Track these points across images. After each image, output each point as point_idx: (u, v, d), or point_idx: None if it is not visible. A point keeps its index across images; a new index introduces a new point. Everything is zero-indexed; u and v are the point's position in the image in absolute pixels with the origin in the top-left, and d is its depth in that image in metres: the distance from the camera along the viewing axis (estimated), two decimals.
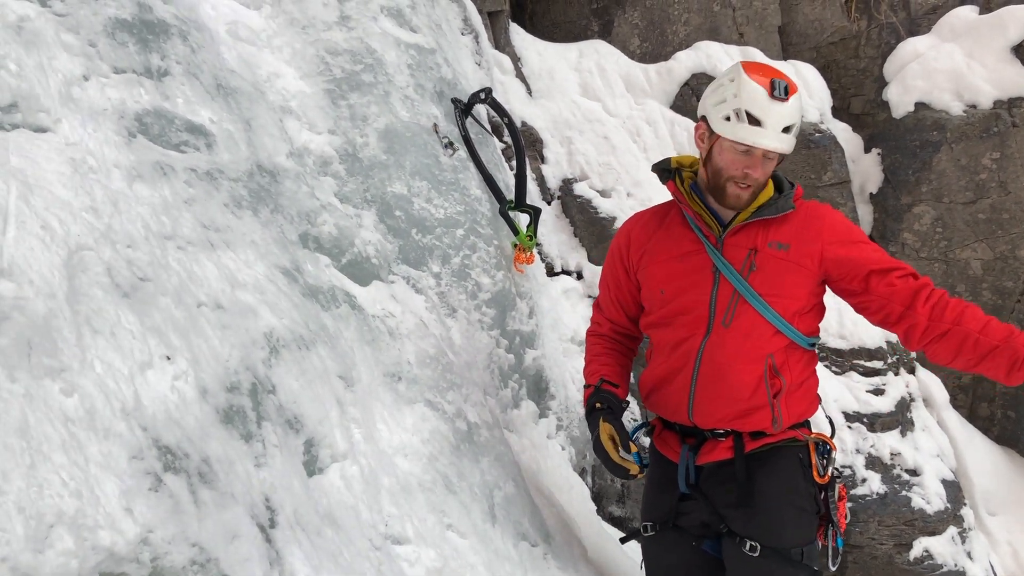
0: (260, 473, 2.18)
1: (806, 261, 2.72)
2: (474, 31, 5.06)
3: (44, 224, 2.00)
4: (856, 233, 2.83)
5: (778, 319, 2.72)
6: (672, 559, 2.92)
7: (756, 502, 2.75)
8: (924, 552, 5.72)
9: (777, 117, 2.60)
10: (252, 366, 2.34)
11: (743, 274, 2.72)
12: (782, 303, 2.72)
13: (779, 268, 2.72)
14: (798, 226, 2.76)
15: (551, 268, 5.52)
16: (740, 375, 2.72)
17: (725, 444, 2.79)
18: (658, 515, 2.93)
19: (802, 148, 6.64)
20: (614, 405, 2.97)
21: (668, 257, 2.86)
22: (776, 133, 2.61)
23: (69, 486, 1.63)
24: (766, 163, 2.67)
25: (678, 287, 2.81)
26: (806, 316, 2.79)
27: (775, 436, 2.78)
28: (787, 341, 2.75)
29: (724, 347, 2.72)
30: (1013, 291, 6.88)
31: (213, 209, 2.65)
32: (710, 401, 2.77)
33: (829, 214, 2.84)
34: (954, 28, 7.13)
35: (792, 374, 2.77)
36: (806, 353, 2.84)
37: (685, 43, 7.04)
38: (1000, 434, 7.01)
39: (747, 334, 2.72)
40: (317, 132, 3.41)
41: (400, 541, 2.56)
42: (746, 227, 2.75)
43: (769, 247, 2.73)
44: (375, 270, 3.27)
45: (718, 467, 2.81)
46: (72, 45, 2.53)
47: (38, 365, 1.75)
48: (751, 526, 2.74)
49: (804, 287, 2.74)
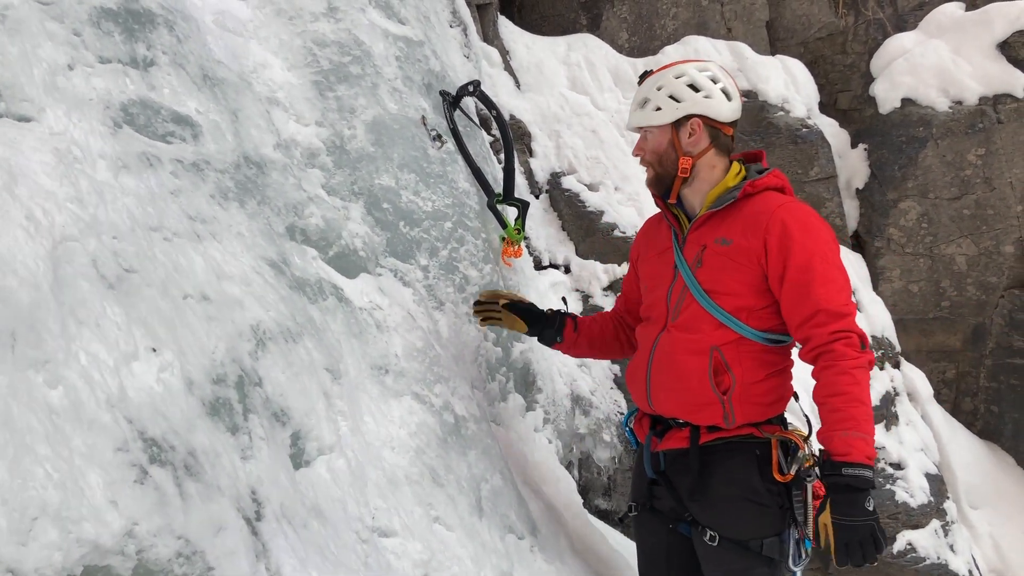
0: (246, 466, 2.17)
1: (743, 258, 2.72)
2: (462, 23, 5.04)
3: (28, 214, 1.98)
4: (800, 246, 2.66)
5: (721, 313, 2.75)
6: (653, 540, 3.03)
7: (709, 495, 2.81)
8: (907, 545, 5.78)
9: (635, 96, 2.91)
10: (239, 358, 2.33)
11: (692, 270, 2.80)
12: (724, 299, 2.75)
13: (720, 264, 2.76)
14: (744, 221, 2.76)
15: (539, 262, 5.52)
16: (684, 366, 2.79)
17: (682, 434, 2.86)
18: (637, 497, 3.08)
19: (789, 143, 6.67)
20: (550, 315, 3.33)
21: (653, 254, 3.02)
22: (633, 111, 2.90)
23: (53, 478, 1.62)
24: (648, 138, 2.89)
25: (653, 283, 2.98)
26: (759, 312, 2.75)
27: (730, 432, 2.78)
28: (734, 335, 2.75)
29: (672, 339, 2.84)
30: (997, 286, 6.93)
31: (199, 200, 2.63)
32: (660, 390, 2.88)
33: (778, 212, 2.72)
34: (940, 24, 7.16)
35: (743, 370, 2.74)
36: (764, 350, 2.78)
37: (673, 37, 7.05)
38: (983, 428, 7.08)
39: (690, 327, 2.80)
40: (304, 124, 3.39)
41: (387, 534, 2.56)
42: (706, 223, 2.83)
43: (715, 243, 2.78)
44: (362, 263, 3.26)
45: (678, 455, 2.88)
46: (57, 34, 2.50)
47: (22, 356, 1.74)
48: (706, 517, 2.82)
49: (746, 283, 2.74)
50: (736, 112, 2.90)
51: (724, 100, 2.85)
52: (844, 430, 2.51)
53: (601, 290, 5.53)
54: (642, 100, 2.87)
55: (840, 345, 2.58)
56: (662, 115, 2.83)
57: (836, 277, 2.68)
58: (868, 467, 2.49)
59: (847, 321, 2.62)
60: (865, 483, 2.49)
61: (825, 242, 2.72)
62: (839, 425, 2.53)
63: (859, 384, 2.56)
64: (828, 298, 2.62)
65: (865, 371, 2.59)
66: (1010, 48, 6.81)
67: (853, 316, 2.66)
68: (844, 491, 2.50)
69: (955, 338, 7.11)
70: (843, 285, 2.69)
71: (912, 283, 7.05)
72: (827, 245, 2.72)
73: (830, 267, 2.67)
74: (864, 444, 2.50)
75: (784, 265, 2.66)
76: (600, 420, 4.99)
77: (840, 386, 2.56)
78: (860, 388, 2.56)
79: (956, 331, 7.10)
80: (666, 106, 2.82)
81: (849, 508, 2.50)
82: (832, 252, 2.72)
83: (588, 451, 4.95)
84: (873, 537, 2.49)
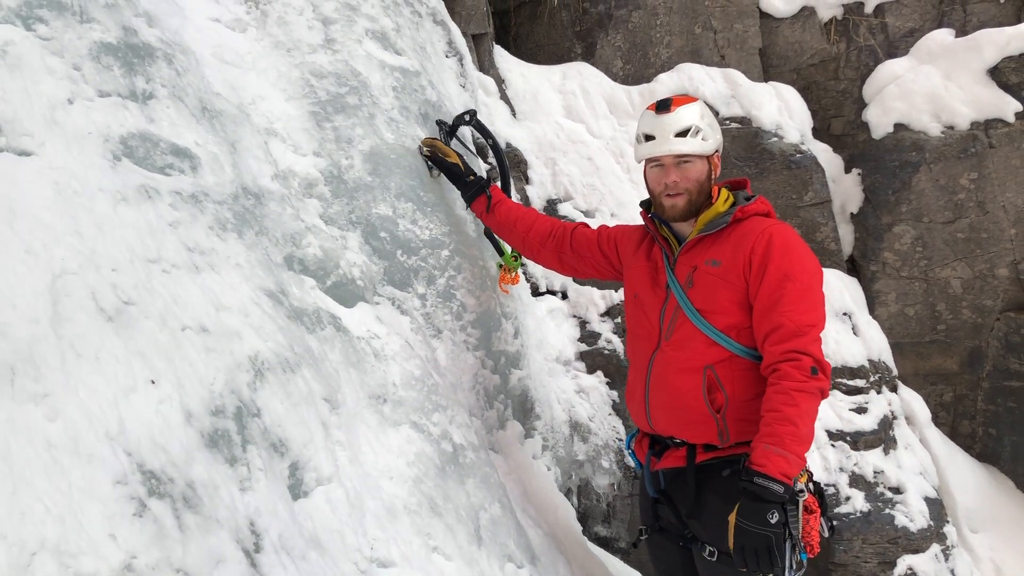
0: (245, 497, 2.17)
1: (732, 276, 2.83)
2: (458, 53, 5.09)
3: (28, 248, 1.99)
4: (776, 265, 2.77)
5: (713, 331, 2.84)
6: (667, 559, 3.14)
7: (706, 512, 2.90)
8: (908, 570, 5.74)
9: (665, 126, 2.94)
10: (237, 389, 2.34)
11: (684, 290, 2.90)
12: (716, 318, 2.85)
13: (711, 284, 2.86)
14: (733, 243, 2.87)
15: (536, 288, 5.53)
16: (679, 385, 2.88)
17: (679, 453, 2.96)
18: (645, 520, 3.20)
19: (783, 169, 6.71)
20: (469, 182, 3.62)
21: (641, 263, 3.13)
22: (668, 138, 2.91)
23: (52, 512, 1.62)
24: (683, 168, 2.93)
25: (645, 299, 3.07)
26: (748, 330, 2.84)
27: (726, 450, 2.88)
28: (727, 353, 2.84)
29: (666, 358, 2.93)
30: (992, 309, 6.94)
31: (198, 232, 2.65)
32: (658, 410, 2.97)
33: (764, 234, 2.83)
34: (931, 51, 7.23)
35: (736, 388, 2.83)
36: (755, 367, 2.84)
37: (667, 65, 7.11)
38: (982, 451, 7.06)
39: (683, 345, 2.89)
40: (302, 154, 3.42)
41: (385, 564, 2.55)
42: (696, 245, 2.94)
43: (705, 264, 2.89)
44: (360, 292, 3.27)
45: (677, 474, 2.99)
46: (56, 69, 2.53)
47: (21, 390, 1.74)
48: (705, 533, 2.92)
49: (735, 302, 2.83)
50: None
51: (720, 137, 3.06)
52: (767, 444, 2.61)
53: (598, 316, 5.54)
54: (684, 129, 2.92)
55: (788, 366, 2.66)
56: (709, 145, 2.96)
57: (807, 299, 2.75)
58: (780, 483, 2.58)
59: (802, 342, 2.68)
60: (771, 495, 2.58)
61: (802, 266, 2.79)
62: (764, 439, 2.63)
63: (795, 406, 2.62)
64: (790, 316, 2.69)
65: (807, 395, 2.64)
66: (1000, 73, 6.87)
67: (812, 339, 2.71)
68: (750, 498, 2.61)
69: (952, 361, 7.12)
70: (811, 307, 2.75)
71: (908, 307, 7.06)
72: (804, 269, 2.79)
73: (804, 289, 2.74)
74: (782, 461, 2.58)
75: (761, 280, 2.76)
76: (599, 447, 4.98)
77: (774, 403, 2.64)
78: (795, 409, 2.62)
79: (953, 354, 7.10)
80: (711, 137, 2.96)
81: (751, 515, 2.60)
82: (807, 275, 2.79)
83: (587, 478, 4.94)
84: (769, 549, 2.58)
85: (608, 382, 5.30)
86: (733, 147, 6.52)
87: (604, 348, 5.38)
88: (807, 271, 2.79)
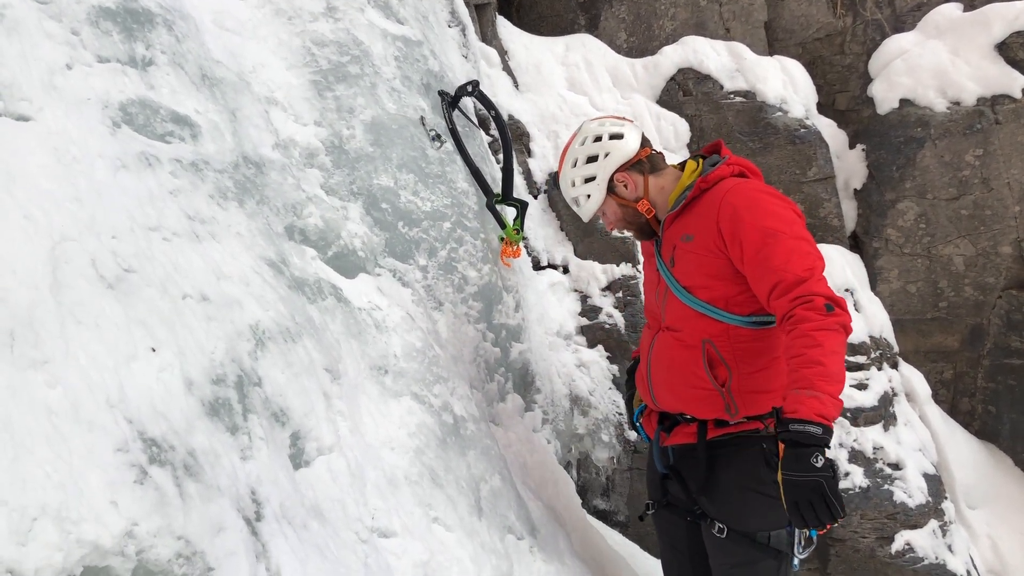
0: (246, 466, 2.17)
1: (703, 250, 2.77)
2: (461, 23, 5.04)
3: (27, 214, 1.97)
4: (749, 225, 2.66)
5: (700, 305, 2.81)
6: (674, 533, 3.13)
7: (717, 488, 2.88)
8: (906, 545, 5.77)
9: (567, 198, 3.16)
10: (238, 358, 2.33)
11: (669, 269, 2.90)
12: (700, 292, 2.81)
13: (689, 260, 2.83)
14: (699, 214, 2.81)
15: (537, 262, 5.52)
16: (678, 361, 2.87)
17: (690, 429, 2.93)
18: (652, 494, 3.18)
19: (787, 143, 6.67)
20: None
21: (646, 260, 3.18)
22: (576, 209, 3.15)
23: (53, 479, 1.61)
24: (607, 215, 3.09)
25: (649, 289, 3.14)
26: (738, 298, 2.76)
27: (737, 426, 2.84)
28: (722, 325, 2.79)
29: (665, 338, 2.94)
30: (994, 287, 6.93)
31: (199, 200, 2.63)
32: (660, 387, 2.98)
33: (725, 197, 2.73)
34: (939, 25, 7.16)
35: (738, 359, 2.78)
36: (755, 336, 2.78)
37: (672, 38, 7.05)
38: (981, 429, 7.08)
39: (677, 324, 2.88)
40: (303, 123, 3.39)
41: (386, 534, 2.56)
42: (672, 223, 2.91)
43: (682, 240, 2.85)
44: (361, 263, 3.26)
45: (687, 450, 2.96)
46: (55, 33, 2.50)
47: (21, 356, 1.73)
48: (715, 510, 2.90)
49: (713, 274, 2.77)
50: (637, 135, 3.02)
51: (620, 142, 2.99)
52: (796, 388, 2.46)
53: (599, 290, 5.53)
54: (573, 200, 3.10)
55: (801, 310, 2.53)
56: (595, 199, 3.03)
57: (791, 246, 2.61)
58: (816, 424, 2.40)
59: (807, 285, 2.55)
60: (810, 439, 2.40)
61: (774, 214, 2.67)
62: (792, 385, 2.48)
63: (818, 345, 2.47)
64: (784, 267, 2.58)
65: (828, 332, 2.49)
66: (1008, 49, 6.81)
67: (815, 279, 2.58)
68: (791, 447, 2.44)
69: (953, 338, 7.12)
70: (801, 251, 2.62)
71: (910, 283, 7.05)
72: (777, 217, 2.66)
73: (784, 237, 2.62)
74: (815, 402, 2.41)
75: (741, 247, 2.66)
76: (599, 420, 4.98)
77: (796, 348, 2.51)
78: (819, 349, 2.47)
79: (954, 331, 7.10)
80: (590, 191, 3.02)
81: (795, 463, 2.42)
82: (785, 223, 2.66)
83: (587, 451, 4.95)
84: (823, 495, 2.38)
85: (609, 356, 5.29)
86: (737, 121, 6.47)
87: (605, 322, 5.37)
88: (783, 219, 2.67)
